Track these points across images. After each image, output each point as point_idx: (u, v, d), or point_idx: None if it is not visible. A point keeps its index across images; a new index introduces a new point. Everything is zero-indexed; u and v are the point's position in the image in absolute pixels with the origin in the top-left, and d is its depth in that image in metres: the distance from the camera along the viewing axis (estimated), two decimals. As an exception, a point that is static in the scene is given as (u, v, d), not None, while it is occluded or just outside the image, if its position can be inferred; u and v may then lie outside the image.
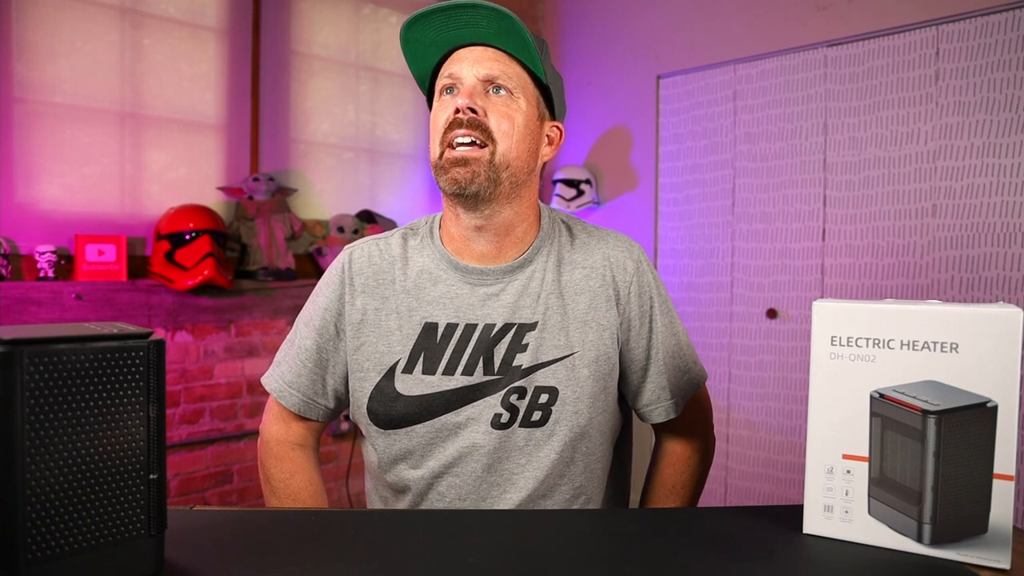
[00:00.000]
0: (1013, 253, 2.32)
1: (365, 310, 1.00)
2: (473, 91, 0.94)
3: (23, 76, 2.31)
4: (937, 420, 0.69)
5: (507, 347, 0.97)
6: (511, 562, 0.68)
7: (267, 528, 0.77)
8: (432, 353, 0.97)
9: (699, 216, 3.12)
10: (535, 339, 0.97)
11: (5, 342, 0.56)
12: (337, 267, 1.04)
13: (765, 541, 0.75)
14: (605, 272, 1.02)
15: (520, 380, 0.96)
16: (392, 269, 1.01)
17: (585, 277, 1.01)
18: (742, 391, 2.96)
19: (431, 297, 0.99)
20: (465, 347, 0.97)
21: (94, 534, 0.60)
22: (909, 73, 2.53)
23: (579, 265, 1.02)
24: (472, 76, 0.94)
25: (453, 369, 0.97)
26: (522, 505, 0.97)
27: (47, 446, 0.57)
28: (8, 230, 2.28)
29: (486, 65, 0.94)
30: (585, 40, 3.54)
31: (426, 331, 0.98)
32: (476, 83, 0.94)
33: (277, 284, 2.73)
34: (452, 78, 0.96)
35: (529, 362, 0.96)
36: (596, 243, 1.04)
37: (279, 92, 2.92)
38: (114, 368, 0.61)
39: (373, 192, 3.24)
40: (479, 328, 0.97)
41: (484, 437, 0.96)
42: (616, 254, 1.04)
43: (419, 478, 0.99)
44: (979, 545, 0.69)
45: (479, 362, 0.97)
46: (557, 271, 1.01)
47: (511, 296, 0.98)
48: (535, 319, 0.98)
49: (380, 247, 1.03)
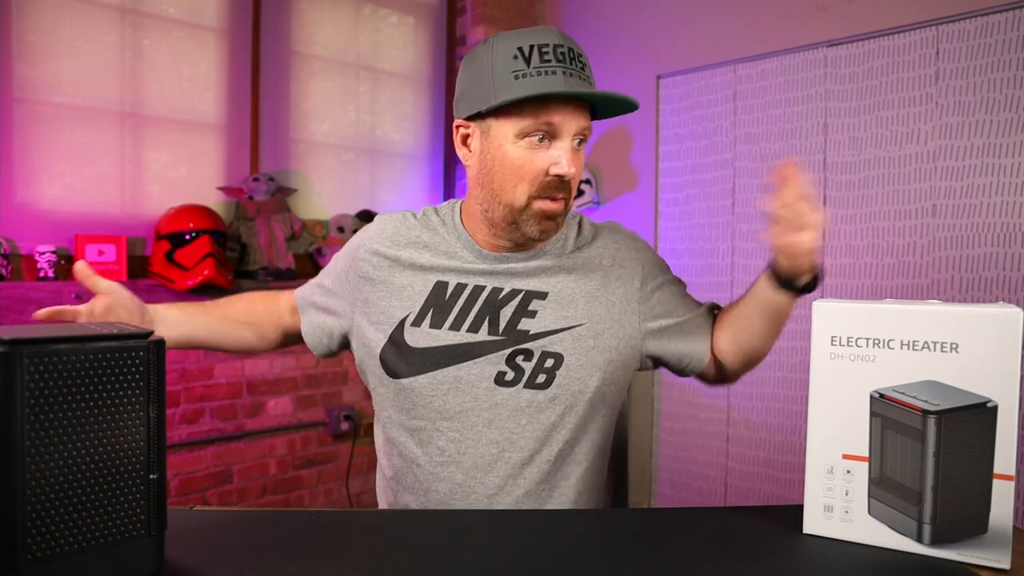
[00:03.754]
0: (1013, 253, 2.32)
1: (381, 267, 1.09)
2: (572, 153, 0.99)
3: (23, 76, 2.31)
4: (937, 420, 0.69)
5: (514, 310, 1.03)
6: (511, 562, 0.68)
7: (267, 528, 0.77)
8: (440, 309, 1.05)
9: (699, 216, 3.12)
10: (544, 307, 1.04)
11: (5, 342, 0.56)
12: (364, 232, 1.16)
13: (765, 541, 0.75)
14: (616, 254, 1.10)
15: (527, 343, 1.02)
16: (413, 237, 1.10)
17: (598, 256, 1.09)
18: (742, 391, 2.96)
19: (444, 265, 1.07)
20: (472, 306, 1.04)
21: (94, 534, 0.60)
22: (909, 73, 2.53)
23: (592, 246, 1.11)
24: (570, 134, 0.99)
25: (459, 325, 1.03)
26: (523, 464, 1.02)
27: (47, 446, 0.57)
28: (8, 230, 2.28)
29: (581, 122, 0.99)
30: (585, 40, 3.54)
31: (437, 289, 1.06)
32: (571, 141, 0.99)
33: (277, 284, 2.73)
34: (549, 128, 0.98)
35: (537, 328, 1.03)
36: (603, 230, 1.15)
37: (279, 92, 2.92)
38: (114, 368, 0.61)
39: (373, 192, 3.24)
40: (487, 290, 1.05)
41: (485, 393, 1.02)
42: (622, 238, 1.14)
43: (421, 428, 1.05)
44: (979, 545, 0.69)
45: (484, 321, 1.03)
46: (568, 256, 1.08)
47: (521, 270, 1.06)
48: (545, 289, 1.05)
49: (405, 218, 1.13)
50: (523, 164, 0.98)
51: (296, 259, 2.86)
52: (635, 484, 3.35)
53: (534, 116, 0.96)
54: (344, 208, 3.12)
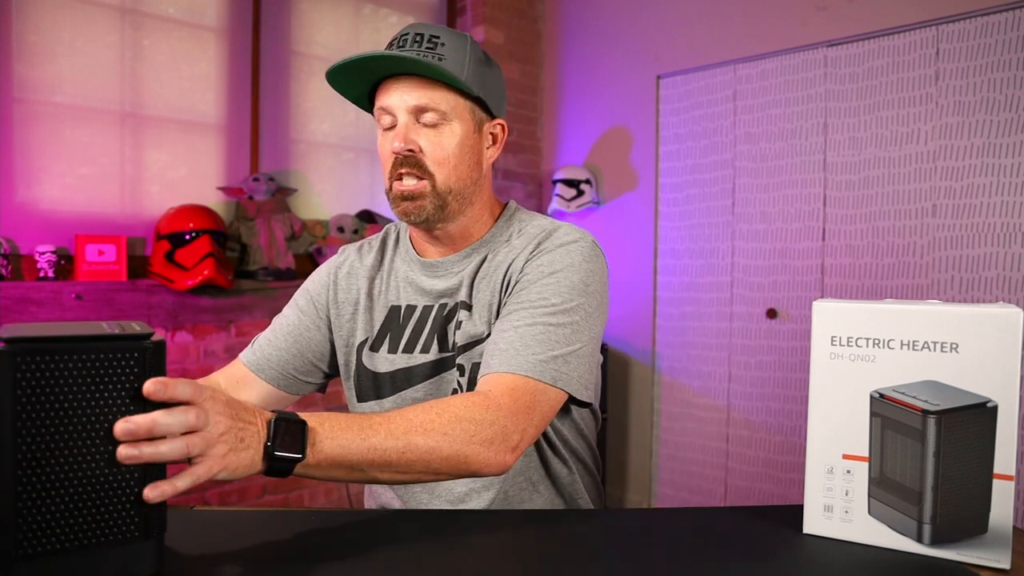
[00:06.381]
0: (1013, 253, 2.32)
1: (349, 292, 1.12)
2: (407, 128, 0.99)
3: (23, 76, 2.31)
4: (937, 420, 0.69)
5: (453, 326, 1.03)
6: (511, 562, 0.68)
7: (267, 528, 0.77)
8: (395, 333, 1.07)
9: (699, 216, 3.12)
10: (467, 318, 1.03)
11: (2, 340, 0.56)
12: (330, 261, 1.19)
13: (765, 541, 0.75)
14: (528, 247, 1.02)
15: (460, 357, 1.02)
16: (371, 263, 1.13)
17: (512, 255, 1.03)
18: (742, 391, 2.96)
19: (395, 284, 1.10)
20: (423, 327, 1.05)
21: (94, 533, 0.60)
22: (909, 73, 2.53)
23: (513, 248, 1.04)
24: (403, 110, 0.99)
25: (412, 347, 1.05)
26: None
27: (40, 445, 0.57)
28: (8, 230, 2.27)
29: (414, 96, 0.98)
30: (585, 40, 3.54)
31: (391, 314, 1.08)
32: (408, 117, 0.99)
33: (277, 284, 2.73)
34: (386, 112, 1.01)
35: (463, 339, 1.02)
36: (536, 229, 1.05)
37: (279, 92, 2.92)
38: (113, 368, 0.60)
39: (373, 192, 3.24)
40: (434, 309, 1.06)
41: None
42: (547, 230, 1.03)
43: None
44: (979, 545, 0.69)
45: (434, 340, 1.04)
46: (494, 259, 1.05)
47: (456, 281, 1.06)
48: (470, 301, 1.04)
49: (367, 245, 1.17)
50: (380, 151, 1.04)
51: (296, 259, 2.86)
52: (635, 484, 3.35)
53: (377, 107, 1.02)
54: (344, 208, 3.11)
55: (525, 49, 3.63)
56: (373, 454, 0.75)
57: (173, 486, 0.62)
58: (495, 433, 0.82)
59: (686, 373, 3.15)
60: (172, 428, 0.62)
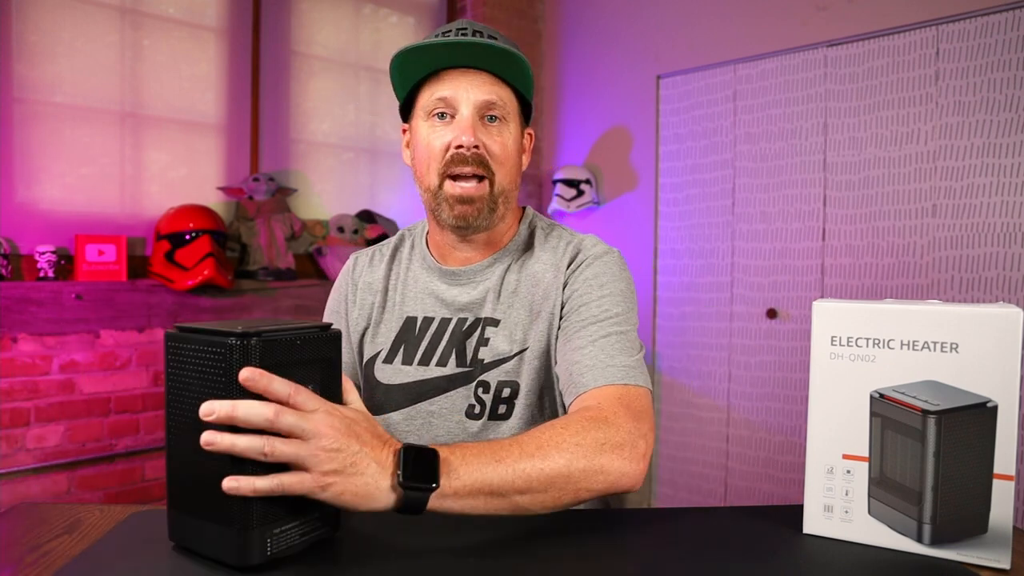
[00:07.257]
0: (1013, 253, 2.32)
1: (363, 306, 1.09)
2: (473, 124, 0.94)
3: (23, 76, 2.31)
4: (937, 420, 0.69)
5: (476, 341, 1.00)
6: (511, 562, 0.68)
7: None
8: (411, 345, 1.04)
9: (699, 216, 3.12)
10: (495, 334, 1.00)
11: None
12: (344, 271, 1.15)
13: (765, 541, 0.75)
14: (560, 263, 1.01)
15: (483, 374, 0.99)
16: (383, 274, 1.10)
17: (543, 270, 1.02)
18: (742, 391, 2.96)
19: (413, 294, 1.07)
20: (440, 340, 1.02)
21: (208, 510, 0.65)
22: (909, 73, 2.53)
23: (539, 260, 1.03)
24: (470, 103, 0.94)
25: (428, 360, 1.02)
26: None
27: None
28: (8, 230, 2.27)
29: (484, 91, 0.95)
30: (585, 40, 3.54)
31: (406, 325, 1.05)
32: (473, 111, 0.95)
33: (277, 284, 2.73)
34: (446, 104, 0.95)
35: (490, 357, 0.99)
36: (559, 240, 1.05)
37: (279, 92, 2.92)
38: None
39: (373, 192, 3.24)
40: (452, 322, 1.03)
41: (458, 427, 1.00)
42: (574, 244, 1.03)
43: None
44: (979, 545, 0.69)
45: (452, 354, 1.01)
46: (521, 270, 1.03)
47: (480, 293, 1.03)
48: (498, 316, 1.01)
49: (381, 252, 1.13)
50: (429, 146, 0.96)
51: (296, 259, 2.86)
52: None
53: (432, 96, 0.96)
54: (344, 208, 3.11)
55: (525, 49, 3.62)
56: (512, 475, 0.71)
57: (252, 485, 0.60)
58: (623, 439, 0.78)
59: (686, 373, 3.15)
60: (249, 419, 0.59)
